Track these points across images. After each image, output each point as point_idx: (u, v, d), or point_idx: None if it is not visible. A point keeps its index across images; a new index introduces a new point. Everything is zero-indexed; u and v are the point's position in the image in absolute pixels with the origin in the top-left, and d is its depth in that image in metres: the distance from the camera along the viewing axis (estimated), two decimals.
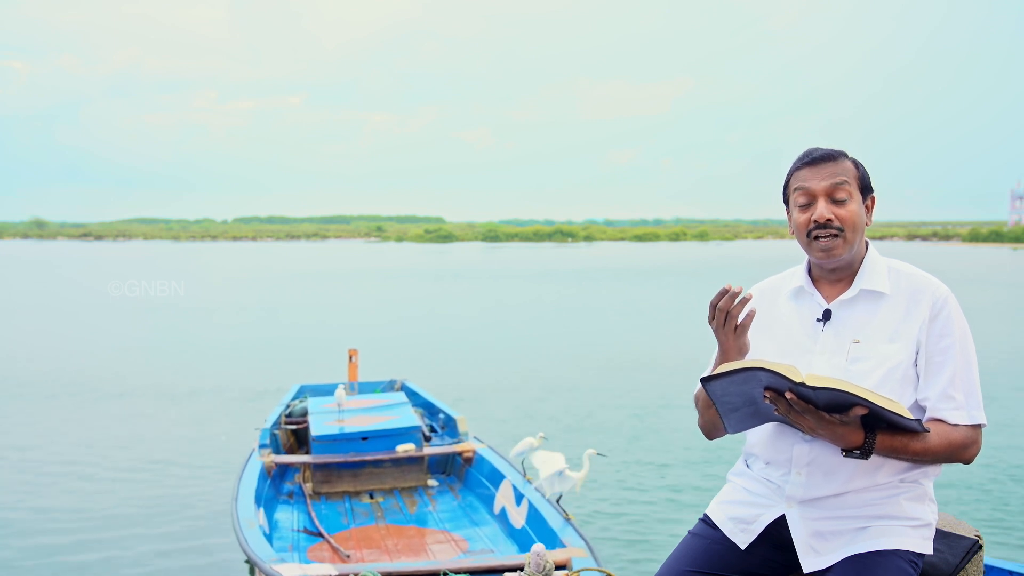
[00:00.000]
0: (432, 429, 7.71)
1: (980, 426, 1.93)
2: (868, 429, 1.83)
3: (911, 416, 1.78)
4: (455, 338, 18.44)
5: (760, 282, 2.19)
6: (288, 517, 6.14)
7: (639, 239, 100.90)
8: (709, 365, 2.11)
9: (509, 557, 4.71)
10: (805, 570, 1.95)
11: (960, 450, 1.90)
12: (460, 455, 6.88)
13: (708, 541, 2.07)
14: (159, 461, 8.74)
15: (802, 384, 1.74)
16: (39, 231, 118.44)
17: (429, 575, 4.38)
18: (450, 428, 7.47)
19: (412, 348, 16.39)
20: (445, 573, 4.07)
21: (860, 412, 1.77)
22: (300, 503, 6.40)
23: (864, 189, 2.01)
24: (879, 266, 2.02)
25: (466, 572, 4.23)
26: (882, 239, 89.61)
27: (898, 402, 1.81)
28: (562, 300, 27.50)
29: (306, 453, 7.21)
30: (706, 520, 2.12)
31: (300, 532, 5.82)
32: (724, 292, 1.93)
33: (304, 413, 7.69)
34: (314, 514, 6.07)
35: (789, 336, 2.05)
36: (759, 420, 1.95)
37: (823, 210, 1.97)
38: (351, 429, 6.74)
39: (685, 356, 14.85)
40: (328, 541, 5.52)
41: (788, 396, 1.78)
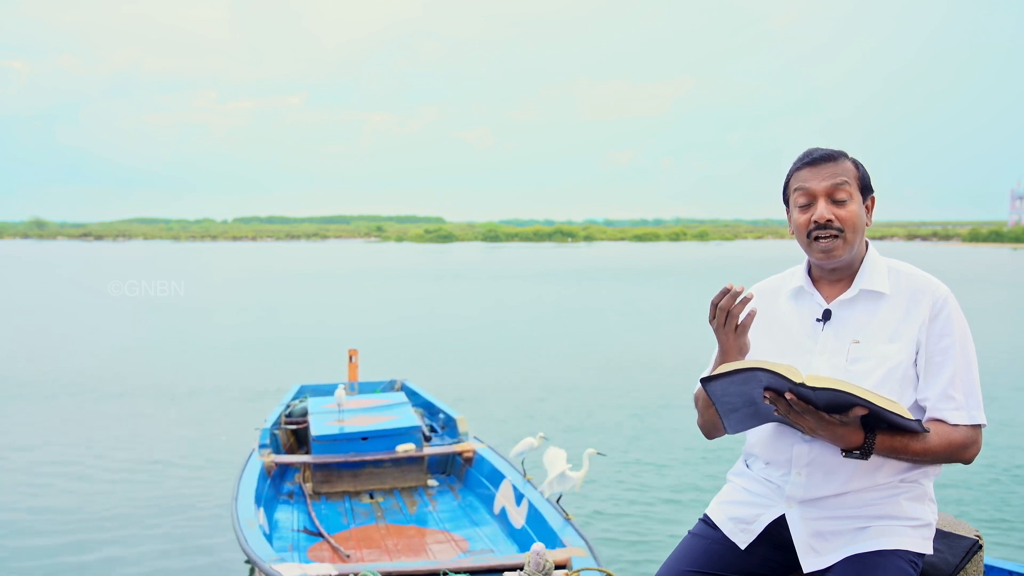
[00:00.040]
0: (432, 429, 7.71)
1: (980, 426, 1.93)
2: (868, 429, 1.83)
3: (911, 416, 1.78)
4: (455, 338, 18.44)
5: (760, 282, 2.18)
6: (288, 517, 6.14)
7: (639, 239, 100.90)
8: (709, 365, 2.11)
9: (509, 557, 4.71)
10: (805, 570, 1.95)
11: (960, 450, 1.90)
12: (460, 455, 6.88)
13: (708, 541, 2.07)
14: (159, 461, 8.74)
15: (802, 385, 1.74)
16: (39, 231, 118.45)
17: (429, 575, 4.38)
18: (450, 428, 7.47)
19: (412, 348, 16.39)
20: (445, 573, 4.07)
21: (860, 412, 1.77)
22: (300, 503, 6.40)
23: (864, 189, 2.01)
24: (879, 266, 2.02)
25: (466, 572, 4.23)
26: (882, 239, 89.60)
27: (898, 402, 1.81)
28: (562, 300, 27.50)
29: (306, 453, 7.21)
30: (706, 520, 2.12)
31: (300, 532, 5.82)
32: (726, 291, 1.93)
33: (304, 413, 7.69)
34: (314, 514, 6.07)
35: (789, 336, 2.05)
36: (759, 420, 1.95)
37: (823, 211, 1.97)
38: (351, 429, 6.74)
39: (685, 356, 14.85)
40: (328, 541, 5.52)
41: (788, 396, 1.78)
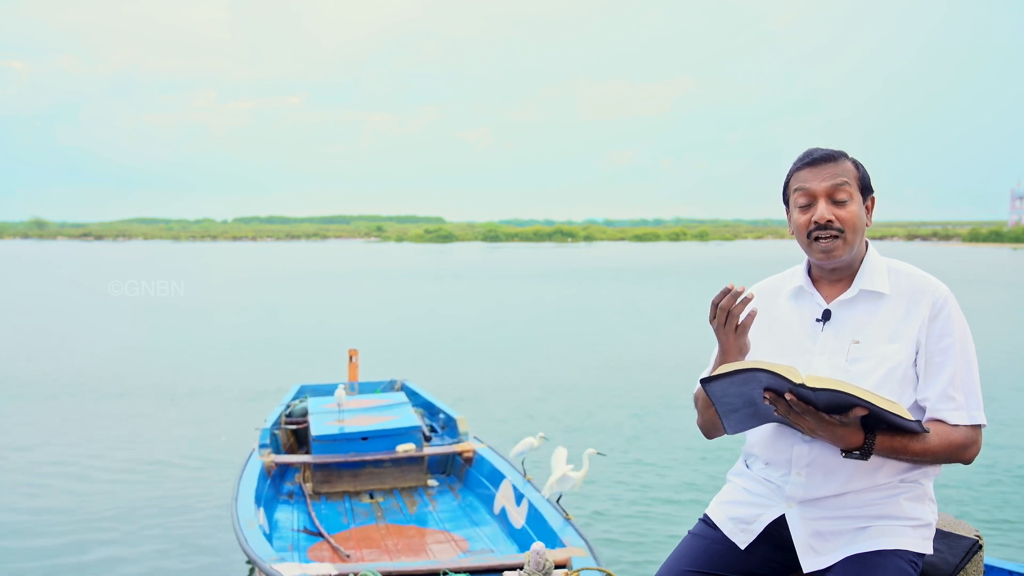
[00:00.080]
0: (432, 429, 7.71)
1: (980, 426, 1.93)
2: (868, 430, 1.83)
3: (911, 417, 1.78)
4: (455, 338, 18.44)
5: (759, 282, 2.18)
6: (288, 517, 6.14)
7: (639, 239, 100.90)
8: (709, 365, 2.11)
9: (509, 557, 4.71)
10: (805, 570, 1.95)
11: (960, 450, 1.90)
12: (460, 455, 6.88)
13: (708, 541, 2.07)
14: (159, 461, 8.74)
15: (802, 385, 1.74)
16: (39, 231, 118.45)
17: (429, 575, 4.37)
18: (450, 428, 7.47)
19: (412, 348, 16.39)
20: (445, 573, 4.07)
21: (860, 413, 1.77)
22: (300, 503, 6.40)
23: (864, 190, 2.01)
24: (879, 266, 2.02)
25: (466, 572, 4.23)
26: (882, 239, 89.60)
27: (898, 403, 1.81)
28: (562, 300, 27.50)
29: (306, 453, 7.21)
30: (706, 520, 2.12)
31: (300, 532, 5.82)
32: (726, 291, 1.94)
33: (304, 413, 7.69)
34: (314, 514, 6.07)
35: (789, 336, 2.05)
36: (759, 421, 1.95)
37: (823, 211, 1.97)
38: (351, 429, 6.74)
39: (685, 356, 14.85)
40: (328, 541, 5.52)
41: (788, 397, 1.78)
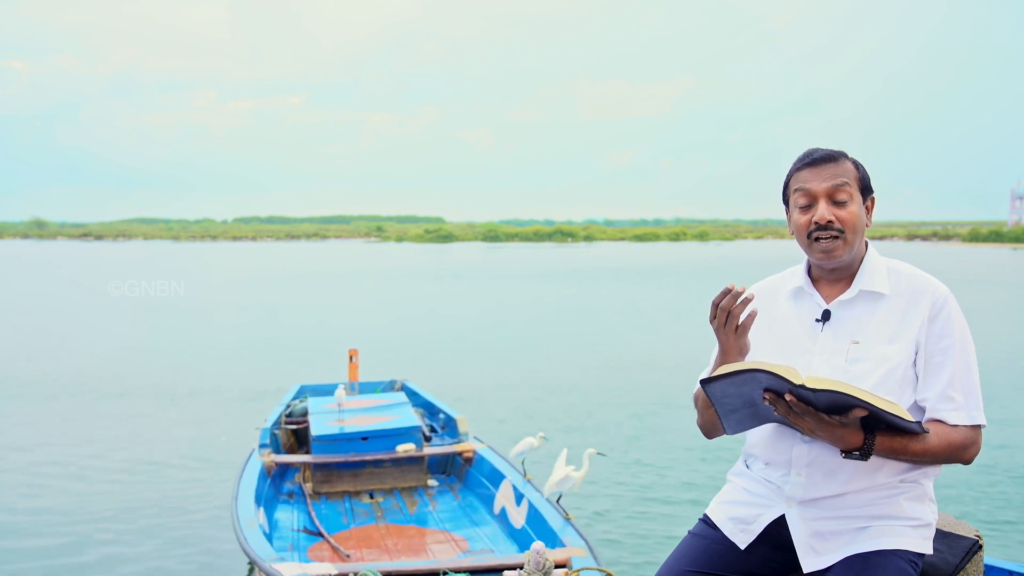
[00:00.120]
0: (432, 429, 7.71)
1: (980, 427, 1.93)
2: (868, 430, 1.83)
3: (911, 418, 1.78)
4: (455, 338, 18.44)
5: (759, 282, 2.18)
6: (288, 517, 6.14)
7: (639, 239, 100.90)
8: (709, 365, 2.11)
9: (509, 557, 4.71)
10: (805, 570, 1.95)
11: (960, 451, 1.90)
12: (460, 455, 6.88)
13: (708, 541, 2.06)
14: (159, 461, 8.74)
15: (802, 386, 1.73)
16: (39, 231, 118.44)
17: (429, 574, 4.37)
18: (450, 428, 7.47)
19: (412, 348, 16.39)
20: (445, 572, 4.08)
21: (860, 414, 1.77)
22: (300, 503, 6.40)
23: (864, 190, 2.01)
24: (879, 267, 2.02)
25: (466, 571, 4.23)
26: (882, 239, 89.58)
27: (898, 404, 1.81)
28: (562, 300, 27.50)
29: (306, 453, 7.21)
30: (706, 520, 2.12)
31: (300, 532, 5.82)
32: (727, 291, 1.93)
33: (304, 413, 7.69)
34: (314, 514, 6.07)
35: (788, 336, 2.05)
36: (758, 421, 1.95)
37: (824, 212, 1.97)
38: (351, 429, 6.74)
39: (685, 356, 14.85)
40: (328, 541, 5.52)
41: (788, 398, 1.78)
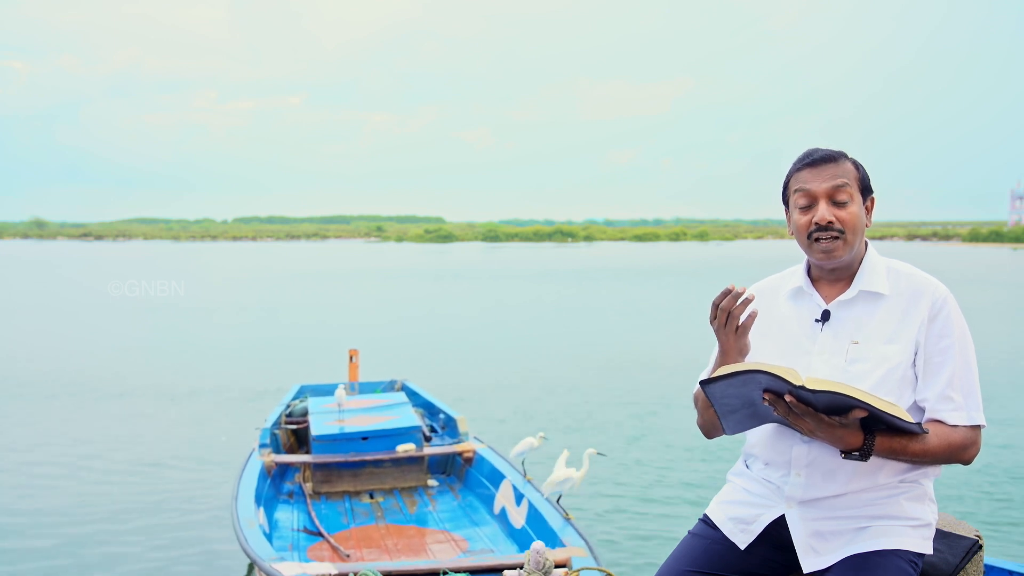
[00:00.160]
0: (432, 429, 7.71)
1: (979, 427, 1.92)
2: (867, 431, 1.83)
3: (911, 419, 1.78)
4: (455, 338, 18.44)
5: (758, 282, 2.18)
6: (288, 516, 6.14)
7: (639, 239, 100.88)
8: (709, 365, 2.11)
9: (509, 557, 4.71)
10: (805, 570, 1.95)
11: (959, 451, 1.90)
12: (460, 455, 6.88)
13: (708, 541, 2.07)
14: (159, 461, 8.74)
15: (802, 387, 1.74)
16: (39, 231, 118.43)
17: (429, 574, 4.38)
18: (450, 428, 7.47)
19: (412, 348, 16.39)
20: (445, 572, 4.08)
21: (859, 415, 1.77)
22: (300, 503, 6.40)
23: (864, 190, 2.01)
24: (878, 267, 2.02)
25: (466, 571, 4.23)
26: (882, 239, 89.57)
27: (897, 405, 1.81)
28: (562, 300, 27.50)
29: (306, 453, 7.21)
30: (706, 520, 2.12)
31: (300, 531, 5.82)
32: (727, 292, 1.93)
33: (304, 413, 7.69)
34: (314, 514, 6.07)
35: (788, 337, 2.05)
36: (758, 421, 1.95)
37: (824, 212, 1.96)
38: (351, 429, 6.75)
39: (685, 356, 14.85)
40: (328, 540, 5.52)
41: (787, 399, 1.78)
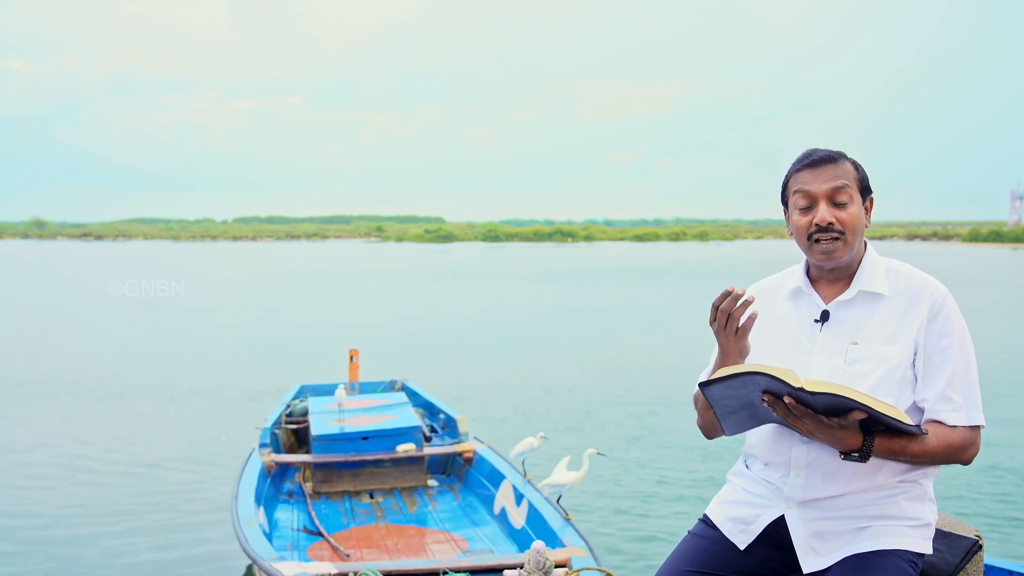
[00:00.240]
0: (432, 429, 7.71)
1: (979, 427, 1.92)
2: (866, 432, 1.83)
3: (910, 421, 1.78)
4: (455, 338, 18.44)
5: (757, 282, 2.17)
6: (288, 516, 6.15)
7: (639, 239, 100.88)
8: (709, 366, 2.10)
9: (509, 557, 4.71)
10: (805, 570, 1.95)
11: (959, 451, 1.90)
12: (460, 455, 6.88)
13: (708, 541, 2.07)
14: (159, 461, 8.74)
15: (800, 389, 1.74)
16: (39, 231, 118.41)
17: (429, 574, 4.38)
18: (450, 428, 7.47)
19: (412, 348, 16.39)
20: (445, 572, 4.08)
21: (858, 416, 1.77)
22: (300, 502, 6.40)
23: (864, 191, 2.01)
24: (878, 267, 2.02)
25: (466, 571, 4.23)
26: (882, 239, 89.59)
27: (896, 407, 1.81)
28: (562, 300, 27.49)
29: (306, 452, 7.22)
30: (706, 520, 2.12)
31: (300, 531, 5.83)
32: (727, 294, 1.93)
33: (304, 413, 7.69)
34: (314, 513, 6.07)
35: (787, 337, 2.05)
36: (757, 422, 1.95)
37: (824, 213, 1.96)
38: (351, 429, 6.75)
39: (685, 356, 14.85)
40: (328, 540, 5.53)
41: (786, 400, 1.78)
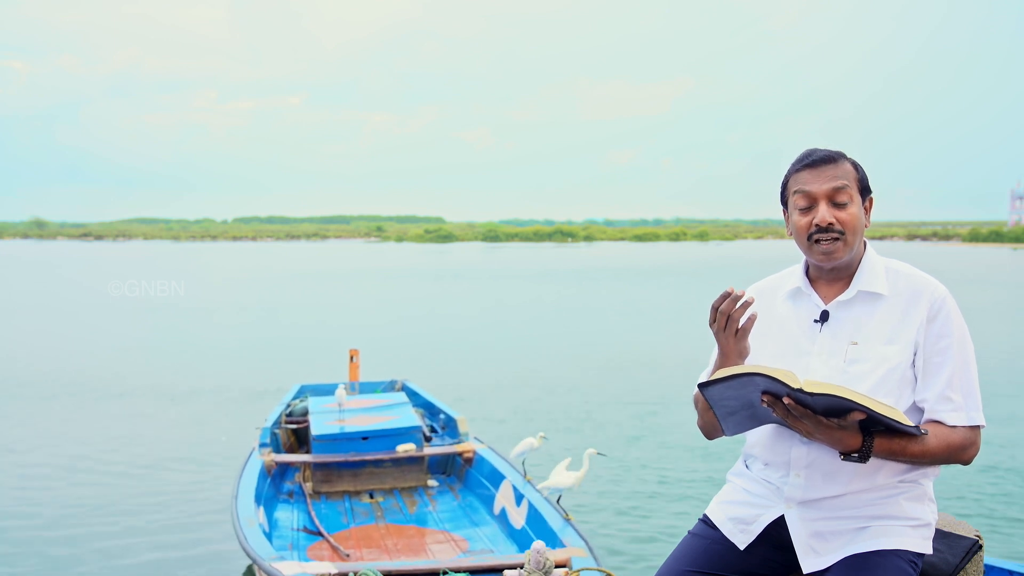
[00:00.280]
0: (432, 429, 7.71)
1: (979, 427, 1.92)
2: (866, 432, 1.83)
3: (909, 422, 1.78)
4: (455, 338, 18.44)
5: (756, 283, 2.17)
6: (288, 516, 6.15)
7: (639, 239, 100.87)
8: (708, 366, 2.10)
9: (509, 557, 4.71)
10: (805, 570, 1.95)
11: (959, 451, 1.90)
12: (460, 455, 6.88)
13: (708, 541, 2.07)
14: (159, 461, 8.75)
15: (799, 390, 1.74)
16: (39, 231, 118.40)
17: (429, 574, 4.38)
18: (450, 428, 7.47)
19: (412, 348, 16.40)
20: (445, 572, 4.08)
21: (858, 417, 1.77)
22: (300, 502, 6.40)
23: (863, 191, 2.01)
24: (877, 267, 2.01)
25: (466, 571, 4.23)
26: (882, 239, 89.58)
27: (895, 408, 1.81)
28: (562, 300, 27.50)
29: (306, 452, 7.22)
30: (706, 520, 2.12)
31: (300, 531, 5.83)
32: (726, 295, 1.92)
33: (304, 412, 7.70)
34: (314, 513, 6.07)
35: (786, 337, 2.04)
36: (757, 422, 1.95)
37: (825, 214, 1.96)
38: (351, 429, 6.75)
39: (685, 356, 14.84)
40: (328, 540, 5.53)
41: (786, 401, 1.78)
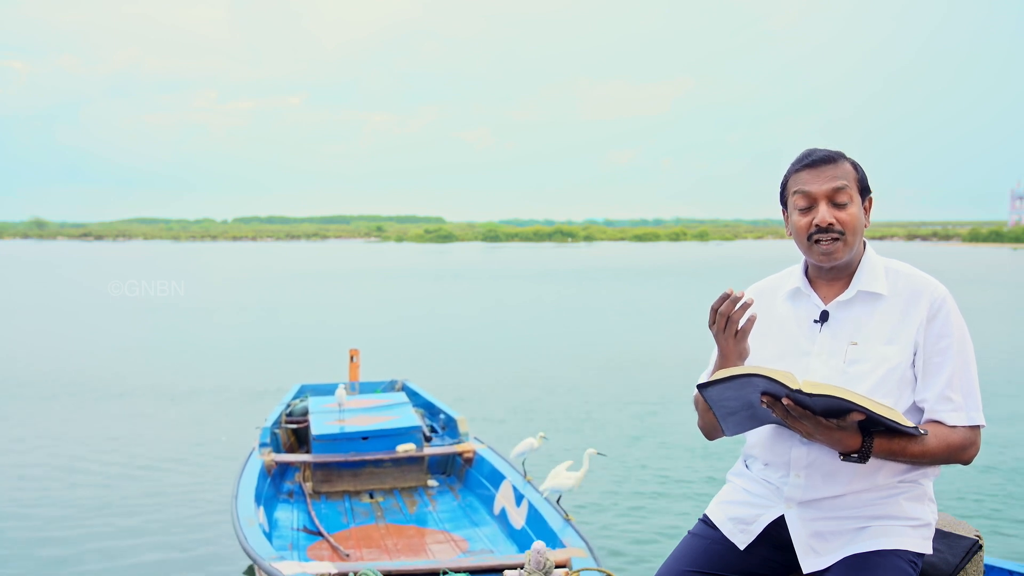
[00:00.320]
0: (432, 429, 7.71)
1: (979, 427, 1.92)
2: (866, 433, 1.83)
3: (908, 422, 1.78)
4: (455, 338, 18.44)
5: (756, 283, 2.17)
6: (288, 516, 6.15)
7: (639, 239, 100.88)
8: (708, 367, 2.10)
9: (509, 557, 4.71)
10: (804, 570, 1.95)
11: (959, 452, 1.90)
12: (460, 455, 6.88)
13: (708, 541, 2.07)
14: (159, 461, 8.74)
15: (798, 391, 1.74)
16: (39, 231, 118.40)
17: (429, 574, 4.38)
18: (450, 428, 7.47)
19: (412, 348, 16.40)
20: (445, 572, 4.08)
21: (857, 417, 1.77)
22: (300, 502, 6.40)
23: (863, 191, 2.01)
24: (877, 267, 2.01)
25: (466, 571, 4.23)
26: (882, 239, 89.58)
27: (894, 408, 1.81)
28: (562, 300, 27.50)
29: (306, 452, 7.22)
30: (706, 520, 2.12)
31: (300, 531, 5.83)
32: (726, 296, 1.92)
33: (305, 412, 7.70)
34: (314, 513, 6.07)
35: (786, 338, 2.04)
36: (757, 423, 1.95)
37: (825, 214, 1.96)
38: (352, 429, 6.75)
39: (685, 356, 14.84)
40: (328, 540, 5.53)
41: (785, 402, 1.78)
